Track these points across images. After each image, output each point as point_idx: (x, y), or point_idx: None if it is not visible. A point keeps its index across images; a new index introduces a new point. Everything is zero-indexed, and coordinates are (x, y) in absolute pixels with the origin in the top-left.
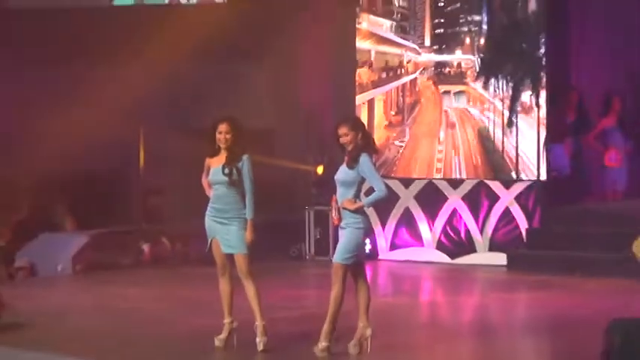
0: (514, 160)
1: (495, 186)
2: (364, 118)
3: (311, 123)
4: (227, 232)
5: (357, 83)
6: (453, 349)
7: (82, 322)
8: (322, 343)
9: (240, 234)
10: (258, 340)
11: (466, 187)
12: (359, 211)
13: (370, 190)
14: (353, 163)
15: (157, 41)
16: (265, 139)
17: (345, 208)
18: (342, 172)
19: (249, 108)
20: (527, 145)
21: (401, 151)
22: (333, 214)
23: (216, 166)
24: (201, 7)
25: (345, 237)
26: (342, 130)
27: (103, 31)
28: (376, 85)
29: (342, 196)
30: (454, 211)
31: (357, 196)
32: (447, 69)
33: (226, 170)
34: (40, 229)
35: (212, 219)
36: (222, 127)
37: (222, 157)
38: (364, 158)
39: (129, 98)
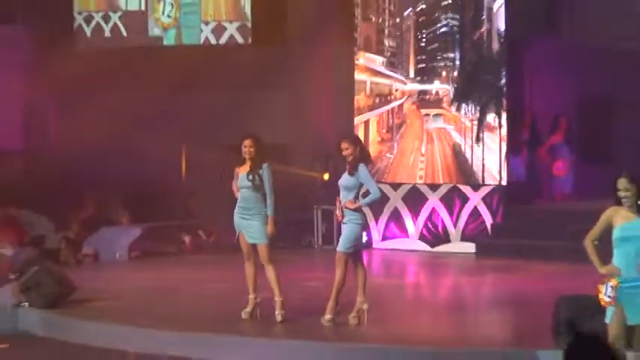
0: (481, 169)
1: (466, 189)
2: (361, 136)
3: (318, 139)
4: (250, 226)
5: (355, 107)
6: (433, 320)
7: (135, 298)
8: (328, 316)
9: (261, 228)
10: (277, 312)
11: (442, 190)
12: (358, 209)
13: (367, 193)
14: (353, 171)
15: (194, 75)
16: (281, 152)
17: (346, 208)
18: (344, 179)
19: (269, 127)
20: (491, 157)
21: (390, 161)
22: (337, 212)
23: (242, 173)
24: (230, 47)
25: (347, 230)
26: (344, 145)
27: (154, 65)
28: (371, 108)
29: (344, 197)
30: (433, 210)
31: (356, 198)
32: (428, 96)
33: (250, 177)
34: (102, 224)
35: (239, 216)
36: (247, 142)
37: (247, 167)
38: (362, 167)
39: (174, 122)
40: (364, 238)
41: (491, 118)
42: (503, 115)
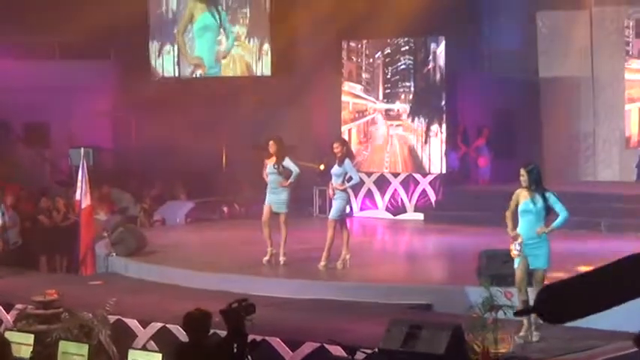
0: (428, 162)
1: (417, 176)
2: (347, 138)
3: (316, 141)
4: (278, 198)
5: (342, 119)
6: (393, 265)
7: (189, 250)
8: (322, 263)
9: (284, 200)
10: (281, 258)
11: (401, 177)
12: (344, 190)
13: (350, 179)
14: (341, 164)
15: (232, 95)
16: (290, 150)
17: (336, 188)
18: (335, 168)
19: (282, 133)
20: (435, 154)
21: (366, 156)
22: (330, 191)
23: (269, 164)
24: (257, 77)
25: (336, 204)
26: (335, 145)
27: (205, 89)
28: (352, 120)
29: (335, 181)
30: (395, 190)
31: (343, 182)
32: (391, 112)
33: (275, 166)
34: (167, 198)
35: (269, 192)
36: (271, 142)
37: (273, 159)
38: (347, 161)
39: (218, 129)
40: (348, 209)
41: (435, 127)
42: (444, 126)
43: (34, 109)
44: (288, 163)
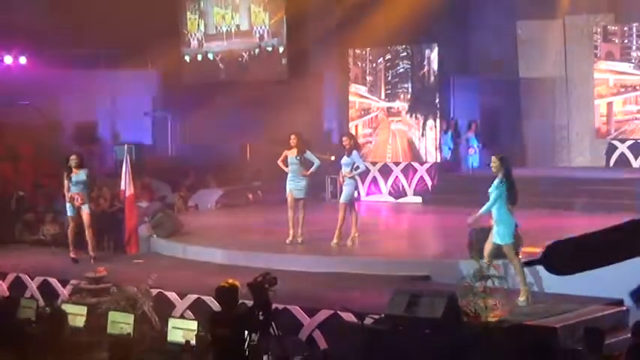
0: (424, 152)
1: (416, 164)
2: (354, 133)
3: (328, 136)
4: (298, 186)
5: (349, 117)
6: (395, 242)
7: (219, 231)
8: (335, 240)
9: (304, 187)
10: (299, 238)
11: (402, 165)
12: (352, 177)
13: (357, 167)
14: (349, 154)
15: (254, 97)
16: (306, 144)
17: (345, 176)
18: (344, 159)
19: (298, 128)
20: (431, 145)
21: (371, 148)
22: (340, 179)
23: (290, 155)
24: (275, 81)
25: (345, 189)
26: (344, 139)
27: (232, 91)
28: (359, 117)
29: (344, 170)
30: (396, 177)
31: (351, 170)
32: (392, 110)
33: (297, 157)
34: (200, 187)
35: (290, 180)
36: (293, 135)
37: (294, 151)
38: (355, 152)
39: (243, 127)
40: (356, 194)
41: (430, 122)
42: (438, 121)
43: (84, 111)
44: (310, 155)
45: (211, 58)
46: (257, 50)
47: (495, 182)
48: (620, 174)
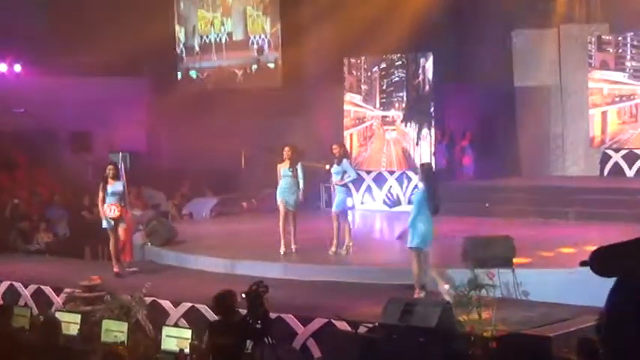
0: (420, 161)
1: (410, 173)
2: (348, 143)
3: (322, 145)
4: (290, 199)
5: (344, 125)
6: (392, 251)
7: (214, 240)
8: (332, 249)
9: (296, 200)
10: (293, 246)
11: (396, 174)
12: (344, 185)
13: (349, 176)
14: (339, 163)
15: (248, 105)
16: (300, 152)
17: (336, 184)
18: (334, 167)
19: (292, 139)
20: (425, 153)
21: (365, 157)
22: (332, 186)
23: (283, 168)
24: (268, 89)
25: (337, 198)
26: (334, 147)
27: (225, 101)
28: (353, 126)
29: (335, 178)
30: (391, 186)
31: (342, 178)
32: (387, 118)
33: (290, 169)
34: (195, 196)
35: (283, 192)
36: (287, 148)
37: (287, 163)
38: (345, 160)
39: (237, 135)
40: (350, 203)
41: (425, 131)
42: (432, 130)
43: (79, 119)
44: (300, 168)
45: (194, 76)
46: (255, 67)
47: (416, 191)
48: (615, 183)
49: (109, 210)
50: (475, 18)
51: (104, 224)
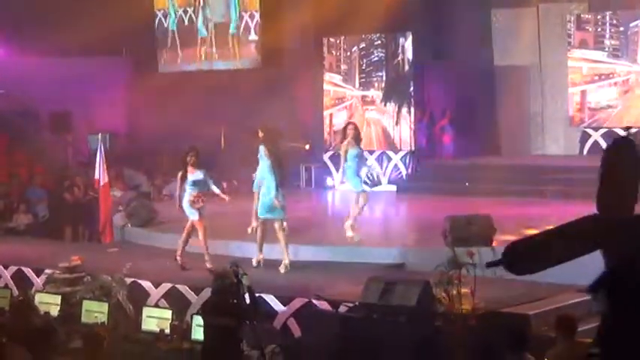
0: (399, 141)
1: (390, 153)
2: (327, 124)
3: (302, 125)
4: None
5: (324, 105)
6: (372, 231)
7: None
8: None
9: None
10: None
11: (376, 154)
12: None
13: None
14: (359, 143)
15: (228, 85)
16: (280, 132)
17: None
18: (355, 149)
19: (274, 118)
20: (405, 134)
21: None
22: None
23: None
24: (249, 69)
25: (356, 179)
26: (350, 127)
27: (205, 80)
28: (333, 106)
29: (352, 161)
30: (371, 166)
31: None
32: (367, 98)
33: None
34: (174, 176)
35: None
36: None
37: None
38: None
39: (217, 115)
40: (330, 183)
41: (404, 111)
42: (412, 109)
43: (58, 99)
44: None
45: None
46: (235, 46)
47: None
48: (594, 162)
49: (196, 201)
50: None
51: (189, 215)
